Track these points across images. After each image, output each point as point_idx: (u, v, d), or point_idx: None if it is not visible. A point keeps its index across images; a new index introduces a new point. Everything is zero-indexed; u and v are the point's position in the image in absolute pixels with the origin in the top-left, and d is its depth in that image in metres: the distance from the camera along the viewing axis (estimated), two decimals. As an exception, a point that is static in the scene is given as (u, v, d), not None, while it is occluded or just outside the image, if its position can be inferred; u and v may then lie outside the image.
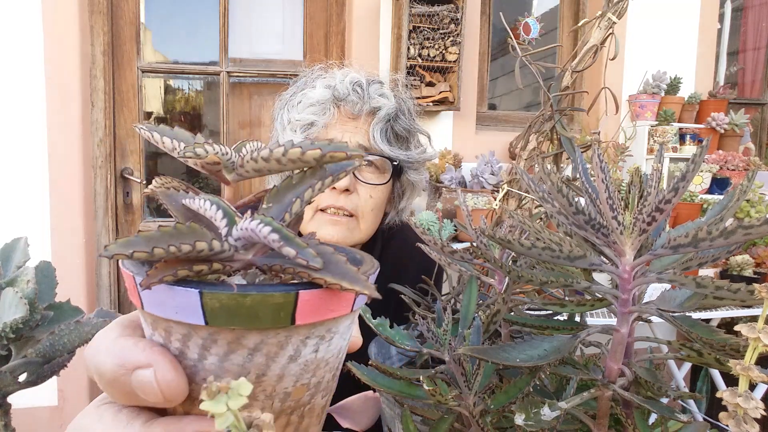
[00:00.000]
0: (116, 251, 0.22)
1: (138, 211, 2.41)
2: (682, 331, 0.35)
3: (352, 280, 0.23)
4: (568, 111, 0.69)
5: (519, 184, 0.74)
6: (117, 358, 0.25)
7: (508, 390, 0.41)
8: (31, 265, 0.74)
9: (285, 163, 0.25)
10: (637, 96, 2.78)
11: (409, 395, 0.44)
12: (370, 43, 2.49)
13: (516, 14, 2.72)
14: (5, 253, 0.75)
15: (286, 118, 0.94)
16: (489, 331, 0.46)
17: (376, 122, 0.90)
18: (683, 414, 0.36)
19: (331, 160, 0.25)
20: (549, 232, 0.37)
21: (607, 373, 0.37)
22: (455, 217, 2.32)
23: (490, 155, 2.44)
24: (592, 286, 0.36)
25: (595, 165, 0.33)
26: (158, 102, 2.56)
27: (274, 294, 0.23)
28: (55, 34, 2.13)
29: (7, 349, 0.69)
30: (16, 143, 2.12)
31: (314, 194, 0.26)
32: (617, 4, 0.65)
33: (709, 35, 2.98)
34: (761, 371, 0.26)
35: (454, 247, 0.48)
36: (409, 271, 0.95)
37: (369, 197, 0.92)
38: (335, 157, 0.25)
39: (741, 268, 2.04)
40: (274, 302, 0.23)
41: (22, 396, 0.73)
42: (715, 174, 2.62)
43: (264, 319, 0.23)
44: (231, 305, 0.23)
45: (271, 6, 2.59)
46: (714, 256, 0.35)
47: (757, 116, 3.34)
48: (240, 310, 0.23)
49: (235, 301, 0.22)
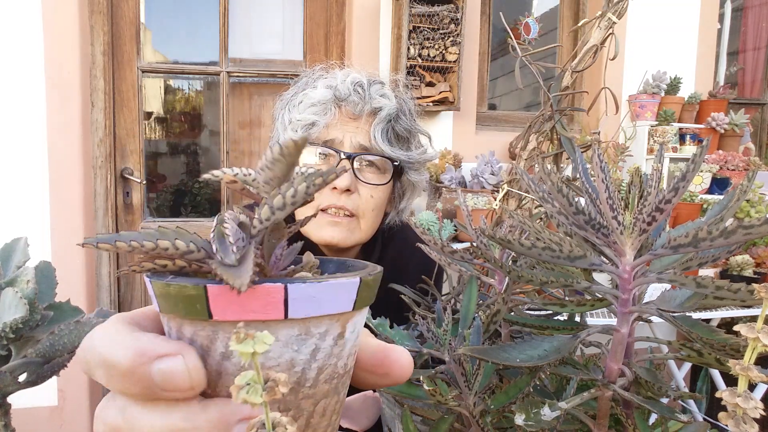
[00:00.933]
0: (90, 241, 0.23)
1: (138, 211, 2.41)
2: (682, 331, 0.35)
3: (226, 271, 0.23)
4: (568, 111, 0.69)
5: (519, 184, 0.74)
6: (136, 348, 0.24)
7: (508, 390, 0.41)
8: (31, 265, 0.74)
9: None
10: (637, 96, 2.78)
11: (409, 395, 0.44)
12: (370, 43, 2.49)
13: (516, 14, 2.72)
14: (5, 253, 0.75)
15: (287, 118, 0.94)
16: (489, 331, 0.46)
17: (377, 122, 0.91)
18: (683, 414, 0.36)
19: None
20: (549, 232, 0.37)
21: (607, 373, 0.37)
22: (455, 217, 2.32)
23: (490, 155, 2.44)
24: (592, 286, 0.36)
25: (595, 165, 0.33)
26: (158, 102, 2.56)
27: (187, 285, 0.23)
28: (55, 34, 2.13)
29: (7, 349, 0.69)
30: (16, 143, 2.12)
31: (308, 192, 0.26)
32: (617, 4, 0.65)
33: (709, 35, 2.98)
34: (761, 371, 0.26)
35: (454, 247, 0.48)
36: (409, 271, 0.95)
37: (370, 197, 0.92)
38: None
39: (741, 268, 2.04)
40: (187, 293, 0.23)
41: (22, 396, 0.73)
42: (715, 174, 2.62)
43: (185, 310, 0.24)
44: (162, 293, 0.24)
45: (271, 6, 2.59)
46: (714, 256, 0.35)
47: (757, 116, 3.34)
48: (168, 298, 0.24)
49: (164, 289, 0.24)
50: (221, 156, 2.49)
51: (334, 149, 0.90)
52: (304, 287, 0.23)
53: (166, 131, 2.58)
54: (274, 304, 0.23)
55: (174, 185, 2.59)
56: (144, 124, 2.42)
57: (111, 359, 0.24)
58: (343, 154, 0.89)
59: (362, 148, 0.91)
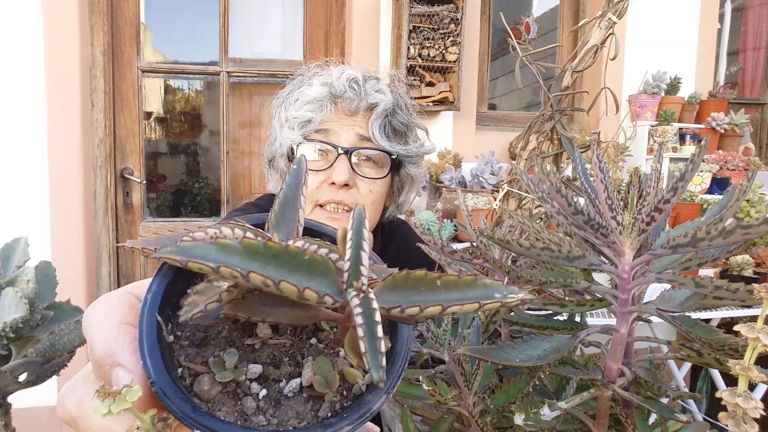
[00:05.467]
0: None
1: (138, 211, 2.41)
2: (682, 331, 0.35)
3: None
4: (568, 111, 0.69)
5: (519, 184, 0.74)
6: (108, 347, 0.26)
7: (507, 390, 0.41)
8: (31, 265, 0.74)
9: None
10: (637, 96, 2.78)
11: (409, 395, 0.44)
12: (370, 43, 2.49)
13: (516, 14, 2.73)
14: (5, 253, 0.75)
15: (284, 116, 0.94)
16: (489, 331, 0.46)
17: (375, 118, 0.91)
18: (683, 414, 0.36)
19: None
20: (549, 232, 0.37)
21: (606, 373, 0.37)
22: (455, 217, 2.32)
23: (490, 155, 2.44)
24: (592, 286, 0.36)
25: (594, 165, 0.33)
26: (158, 102, 2.56)
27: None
28: (55, 34, 2.13)
29: (7, 349, 0.69)
30: (16, 143, 2.12)
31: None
32: (617, 4, 0.65)
33: (709, 35, 2.98)
34: (761, 371, 0.26)
35: (454, 247, 0.48)
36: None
37: (368, 191, 0.92)
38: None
39: (741, 268, 2.04)
40: None
41: (22, 396, 0.73)
42: (715, 174, 2.62)
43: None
44: None
45: (271, 6, 2.59)
46: (714, 256, 0.35)
47: (757, 116, 3.34)
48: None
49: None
50: (221, 156, 2.49)
51: (332, 144, 0.90)
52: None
53: (166, 131, 2.58)
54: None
55: (174, 185, 2.59)
56: (144, 124, 2.42)
57: (91, 343, 0.26)
58: (340, 149, 0.90)
59: (360, 143, 0.91)
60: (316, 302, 0.21)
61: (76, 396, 0.28)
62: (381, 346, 0.19)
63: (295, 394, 0.25)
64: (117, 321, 0.27)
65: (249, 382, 0.25)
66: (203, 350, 0.26)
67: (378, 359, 0.19)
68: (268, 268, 0.20)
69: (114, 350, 0.25)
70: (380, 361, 0.19)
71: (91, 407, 0.20)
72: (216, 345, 0.26)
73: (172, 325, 0.26)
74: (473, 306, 0.21)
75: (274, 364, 0.25)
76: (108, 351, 0.25)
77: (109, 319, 0.27)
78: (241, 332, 0.26)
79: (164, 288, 0.26)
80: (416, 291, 0.21)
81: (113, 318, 0.27)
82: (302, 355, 0.26)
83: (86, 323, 0.27)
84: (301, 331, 0.27)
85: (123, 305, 0.28)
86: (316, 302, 0.21)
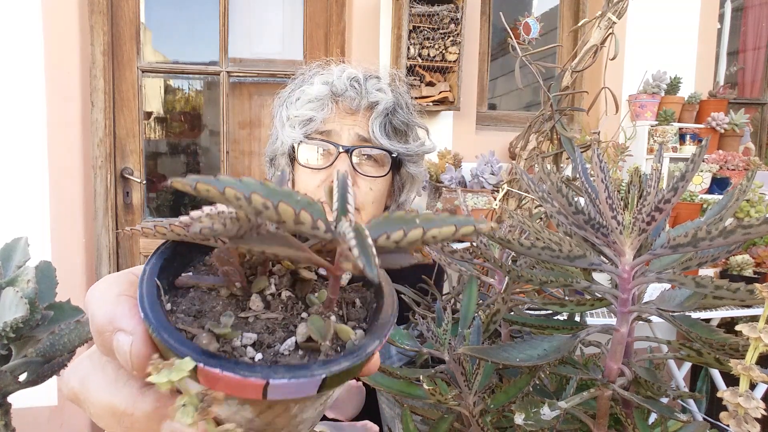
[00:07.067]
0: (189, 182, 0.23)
1: (138, 211, 2.41)
2: (682, 331, 0.35)
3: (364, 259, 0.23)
4: (568, 111, 0.69)
5: (519, 184, 0.74)
6: (108, 314, 0.26)
7: (507, 390, 0.41)
8: (32, 264, 0.74)
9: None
10: (637, 96, 2.78)
11: (409, 395, 0.44)
12: (370, 43, 2.49)
13: (516, 14, 2.72)
14: (5, 253, 0.75)
15: (285, 115, 0.95)
16: (489, 330, 0.46)
17: (375, 117, 0.91)
18: (683, 414, 0.36)
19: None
20: (549, 231, 0.37)
21: (606, 373, 0.37)
22: (455, 217, 2.31)
23: (490, 155, 2.44)
24: (592, 285, 0.36)
25: (594, 165, 0.33)
26: (158, 102, 2.56)
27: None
28: (55, 34, 2.13)
29: (8, 349, 0.69)
30: (16, 143, 2.12)
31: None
32: (617, 4, 0.65)
33: (709, 35, 2.98)
34: (762, 371, 0.26)
35: (454, 247, 0.48)
36: (409, 271, 0.95)
37: (369, 190, 0.92)
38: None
39: (741, 268, 2.04)
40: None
41: (22, 396, 0.73)
42: (715, 174, 2.62)
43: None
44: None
45: (271, 6, 2.59)
46: (714, 255, 0.35)
47: (757, 116, 3.34)
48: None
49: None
50: (221, 156, 2.49)
51: (333, 143, 0.90)
52: (283, 383, 0.25)
53: (166, 131, 2.58)
54: (255, 389, 0.25)
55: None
56: (144, 124, 2.42)
57: (92, 316, 0.27)
58: (341, 148, 0.90)
59: (360, 142, 0.91)
60: (310, 228, 0.22)
61: (79, 373, 0.29)
62: (373, 251, 0.21)
63: (291, 351, 0.26)
64: (117, 293, 0.28)
65: (244, 348, 0.26)
66: (199, 321, 0.27)
67: (371, 259, 0.20)
68: (267, 195, 0.22)
69: (114, 316, 0.26)
70: (372, 261, 0.20)
71: (152, 379, 0.21)
72: (211, 317, 0.27)
73: (169, 297, 0.28)
74: (450, 229, 0.23)
75: (269, 332, 0.27)
76: (108, 318, 0.26)
77: (109, 292, 0.28)
78: (235, 307, 0.28)
79: (162, 263, 0.28)
80: (398, 226, 0.23)
81: (113, 290, 0.28)
82: (294, 326, 0.28)
83: (87, 300, 0.28)
84: (292, 307, 0.28)
85: (123, 282, 0.28)
86: (311, 228, 0.22)
